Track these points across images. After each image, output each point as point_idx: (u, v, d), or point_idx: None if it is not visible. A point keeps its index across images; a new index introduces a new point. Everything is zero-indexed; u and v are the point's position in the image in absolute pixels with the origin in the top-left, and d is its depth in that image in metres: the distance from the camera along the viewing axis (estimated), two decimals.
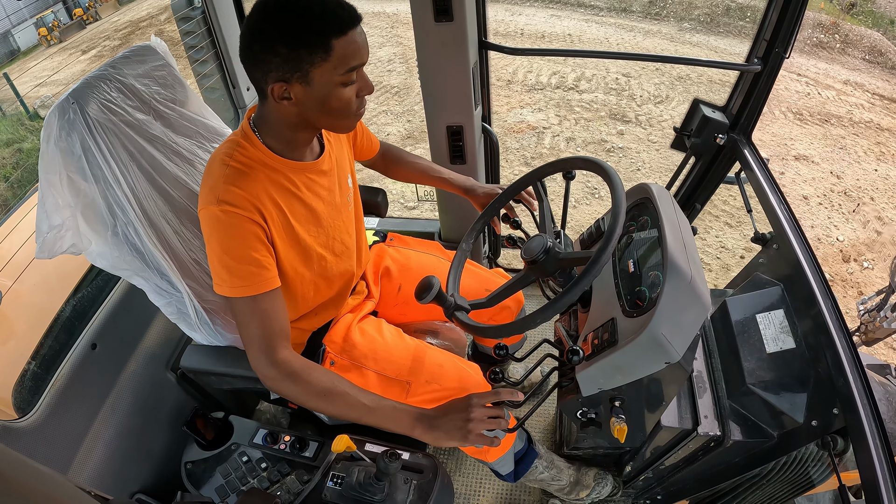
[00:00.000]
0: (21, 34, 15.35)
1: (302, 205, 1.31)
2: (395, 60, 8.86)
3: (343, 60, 1.11)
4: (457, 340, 1.79)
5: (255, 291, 1.19)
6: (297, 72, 1.10)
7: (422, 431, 1.20)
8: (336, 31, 1.08)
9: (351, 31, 1.10)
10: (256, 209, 1.19)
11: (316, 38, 1.07)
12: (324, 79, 1.12)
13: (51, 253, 1.27)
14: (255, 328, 1.21)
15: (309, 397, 1.22)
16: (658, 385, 1.20)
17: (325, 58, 1.09)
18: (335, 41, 1.08)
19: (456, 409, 1.21)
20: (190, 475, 1.63)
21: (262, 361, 1.21)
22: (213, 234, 1.18)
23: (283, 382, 1.21)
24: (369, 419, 1.22)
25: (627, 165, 5.65)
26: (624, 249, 1.30)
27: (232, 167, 1.19)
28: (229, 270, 1.18)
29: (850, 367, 1.16)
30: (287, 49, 1.08)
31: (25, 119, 10.90)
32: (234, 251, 1.17)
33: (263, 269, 1.20)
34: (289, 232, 1.29)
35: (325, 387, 1.21)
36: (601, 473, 1.87)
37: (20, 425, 1.35)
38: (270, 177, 1.24)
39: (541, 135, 6.24)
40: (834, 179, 5.67)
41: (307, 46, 1.08)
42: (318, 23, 1.07)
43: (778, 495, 1.44)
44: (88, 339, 1.57)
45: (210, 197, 1.17)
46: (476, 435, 1.18)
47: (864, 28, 9.87)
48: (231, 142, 1.25)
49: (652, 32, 9.89)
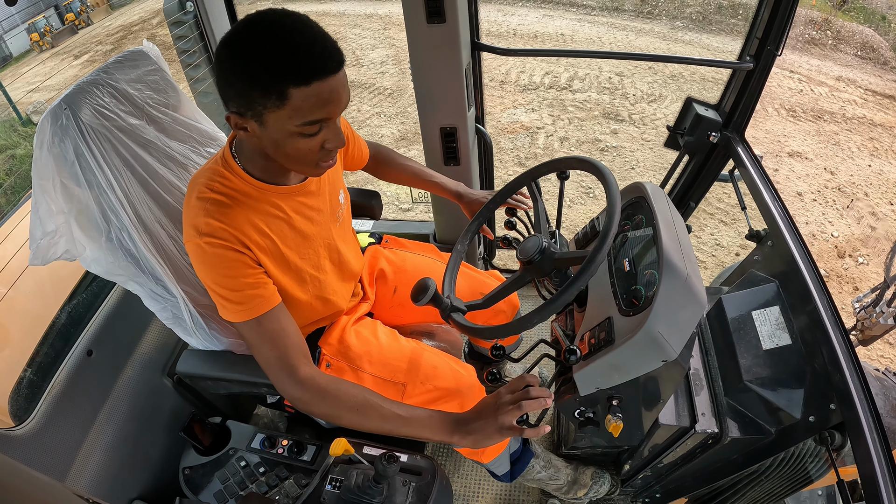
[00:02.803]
0: (13, 40, 15.30)
1: (291, 229, 1.29)
2: (387, 62, 8.87)
3: (300, 112, 1.01)
4: (453, 342, 1.78)
5: (257, 313, 1.17)
6: (250, 110, 1.03)
7: (460, 437, 1.16)
8: (296, 79, 0.97)
9: (316, 83, 0.98)
10: (240, 241, 1.16)
11: (271, 83, 0.97)
12: (278, 125, 1.03)
13: (45, 259, 1.26)
14: (269, 350, 1.18)
15: (343, 413, 1.19)
16: (655, 383, 1.20)
17: (280, 105, 0.99)
18: (293, 90, 0.97)
19: (485, 409, 1.17)
20: (188, 481, 1.63)
21: (287, 383, 1.18)
22: (201, 267, 1.16)
23: (313, 402, 1.19)
24: (405, 430, 1.19)
25: (621, 164, 5.66)
26: (619, 248, 1.30)
27: (212, 199, 1.15)
28: (227, 299, 1.16)
29: (847, 362, 1.16)
30: (241, 85, 1.00)
31: (18, 125, 10.86)
32: (225, 281, 1.16)
33: (260, 289, 1.18)
34: (279, 258, 1.27)
35: (358, 401, 1.18)
36: (598, 472, 1.87)
37: (17, 433, 1.35)
38: (254, 206, 1.21)
39: (534, 135, 6.24)
40: (828, 175, 5.69)
41: (261, 89, 0.98)
42: (277, 66, 0.96)
43: (776, 491, 1.44)
44: (84, 345, 1.56)
45: (191, 231, 1.14)
46: (509, 428, 1.12)
47: (856, 24, 9.91)
48: (211, 170, 1.20)
49: (644, 31, 9.92)
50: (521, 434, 1.13)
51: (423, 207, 4.92)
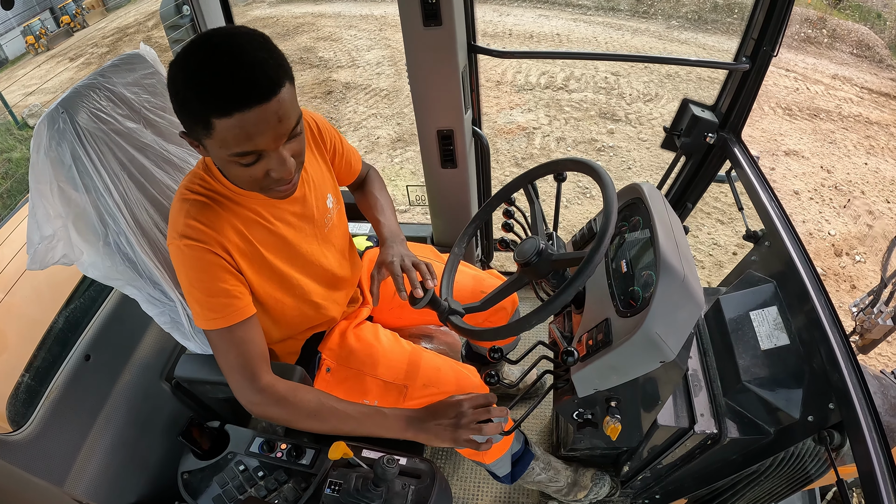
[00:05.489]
0: (9, 43, 15.26)
1: (272, 235, 1.28)
2: (383, 63, 8.86)
3: (226, 143, 0.96)
4: (452, 344, 1.79)
5: (229, 322, 1.17)
6: (190, 133, 1.01)
7: (414, 433, 1.19)
8: (216, 109, 0.92)
9: (238, 114, 0.91)
10: (218, 243, 1.16)
11: (196, 110, 0.94)
12: (214, 152, 1.01)
13: (42, 264, 1.26)
14: (235, 357, 1.19)
15: (299, 418, 1.20)
16: (653, 384, 1.20)
17: (208, 134, 0.96)
18: (216, 121, 0.92)
19: (444, 412, 1.19)
20: (187, 485, 1.62)
21: (248, 389, 1.19)
22: (181, 269, 1.16)
23: (271, 407, 1.19)
24: (362, 430, 1.21)
25: (618, 164, 5.66)
26: (616, 250, 1.31)
27: (192, 201, 1.16)
28: (201, 304, 1.16)
29: (845, 361, 1.17)
30: (177, 108, 0.98)
31: (14, 128, 10.83)
32: (202, 284, 1.15)
33: (234, 299, 1.18)
34: (259, 261, 1.26)
35: (314, 406, 1.20)
36: (598, 474, 1.87)
37: (15, 438, 1.34)
38: (235, 210, 1.21)
39: (531, 135, 6.24)
40: (824, 174, 5.70)
41: (190, 116, 0.96)
42: (200, 93, 0.92)
43: (776, 491, 1.44)
44: (82, 350, 1.56)
45: (173, 233, 1.15)
46: (465, 441, 1.16)
47: (852, 22, 9.93)
48: (193, 174, 1.22)
49: (640, 31, 9.92)
50: (472, 447, 1.18)
51: (420, 209, 4.91)
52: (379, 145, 6.28)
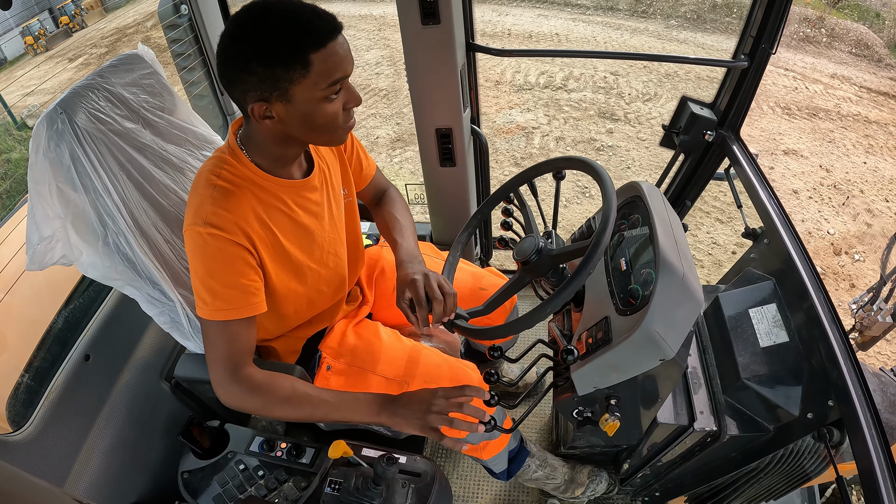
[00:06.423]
0: (7, 44, 15.23)
1: (292, 223, 1.29)
2: (382, 63, 8.86)
3: (324, 75, 1.05)
4: (451, 343, 1.78)
5: (237, 316, 1.18)
6: (275, 90, 1.06)
7: (387, 417, 1.18)
8: (314, 44, 1.02)
9: (331, 43, 1.03)
10: (244, 232, 1.16)
11: (292, 54, 1.02)
12: (305, 95, 1.07)
13: (41, 265, 1.26)
14: (224, 348, 1.19)
15: (274, 406, 1.20)
16: (653, 382, 1.20)
17: (305, 74, 1.04)
18: (313, 55, 1.02)
19: (419, 399, 1.18)
20: (187, 485, 1.62)
21: (228, 379, 1.20)
22: (197, 256, 1.15)
23: (247, 398, 1.20)
24: (336, 415, 1.21)
25: (617, 164, 5.67)
26: (615, 248, 1.31)
27: (219, 187, 1.16)
28: (213, 293, 1.15)
29: (844, 358, 1.17)
30: (262, 67, 1.03)
31: (13, 128, 10.82)
32: (219, 275, 1.15)
33: (250, 295, 1.19)
34: (279, 251, 1.27)
35: (288, 392, 1.20)
36: (595, 470, 1.87)
37: (15, 439, 1.34)
38: (259, 196, 1.21)
39: (530, 135, 6.25)
40: (823, 173, 5.71)
41: (283, 63, 1.02)
42: (293, 37, 1.01)
43: (775, 488, 1.44)
44: (81, 350, 1.56)
45: (196, 218, 1.13)
46: (431, 429, 1.14)
47: (850, 21, 9.95)
48: (218, 158, 1.21)
49: (639, 30, 9.93)
50: (438, 439, 1.16)
51: (419, 208, 4.91)
52: (378, 145, 6.28)
